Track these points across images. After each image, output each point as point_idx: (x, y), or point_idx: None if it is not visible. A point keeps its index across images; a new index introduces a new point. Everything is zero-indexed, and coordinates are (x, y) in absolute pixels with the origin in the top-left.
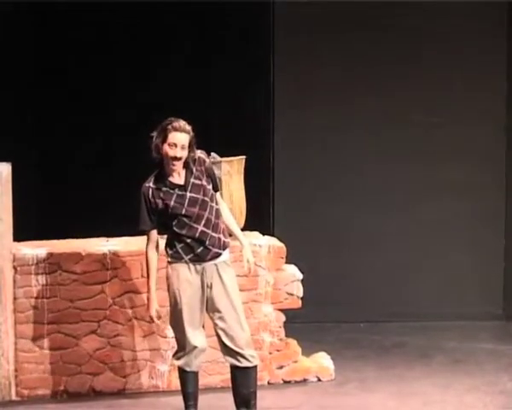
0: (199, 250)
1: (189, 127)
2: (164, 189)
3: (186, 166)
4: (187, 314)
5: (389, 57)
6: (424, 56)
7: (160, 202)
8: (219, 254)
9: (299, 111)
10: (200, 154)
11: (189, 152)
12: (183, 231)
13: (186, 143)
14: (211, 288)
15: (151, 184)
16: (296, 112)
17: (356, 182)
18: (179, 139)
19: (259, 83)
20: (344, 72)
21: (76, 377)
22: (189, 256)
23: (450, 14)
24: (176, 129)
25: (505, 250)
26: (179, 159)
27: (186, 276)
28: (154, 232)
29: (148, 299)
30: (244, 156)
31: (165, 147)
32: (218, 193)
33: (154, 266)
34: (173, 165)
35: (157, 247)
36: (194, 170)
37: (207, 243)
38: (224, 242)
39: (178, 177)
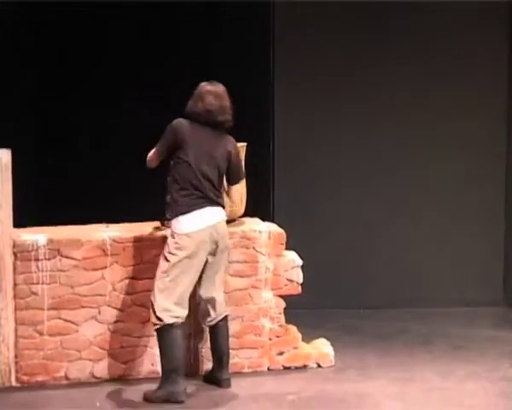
0: None
1: None
2: None
3: None
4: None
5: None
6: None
7: None
8: None
9: (299, 101)
10: None
11: None
12: None
13: None
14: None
15: None
16: (297, 102)
17: (356, 169)
18: None
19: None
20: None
21: (76, 363)
22: None
23: (450, 8)
24: None
25: (505, 237)
26: None
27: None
28: None
29: None
30: (245, 143)
31: None
32: None
33: None
34: None
35: None
36: None
37: None
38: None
39: None
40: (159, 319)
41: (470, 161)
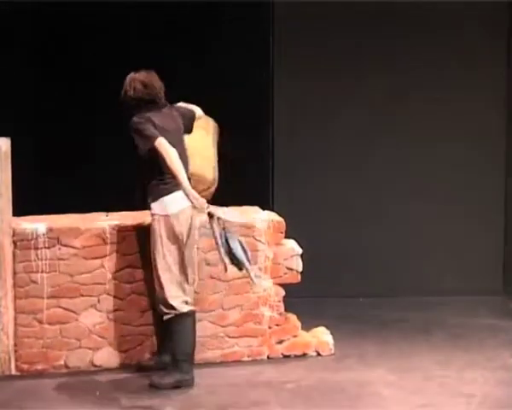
0: None
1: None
2: None
3: None
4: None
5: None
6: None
7: None
8: None
9: (299, 100)
10: None
11: None
12: None
13: None
14: None
15: None
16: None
17: (356, 157)
18: None
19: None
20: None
21: (75, 351)
22: None
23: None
24: None
25: (505, 225)
26: None
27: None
28: None
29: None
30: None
31: None
32: None
33: None
34: None
35: None
36: None
37: None
38: None
39: None
40: (171, 307)
41: (470, 156)
